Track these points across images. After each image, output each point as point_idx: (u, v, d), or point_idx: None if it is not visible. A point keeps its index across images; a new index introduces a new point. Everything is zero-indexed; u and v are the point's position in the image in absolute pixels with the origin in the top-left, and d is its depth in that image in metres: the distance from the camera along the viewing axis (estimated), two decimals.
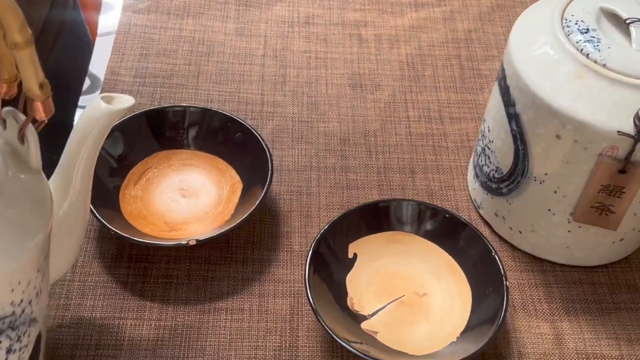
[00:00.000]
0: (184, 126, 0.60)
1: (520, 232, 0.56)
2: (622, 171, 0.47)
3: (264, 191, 0.54)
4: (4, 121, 0.39)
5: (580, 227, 0.52)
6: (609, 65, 0.46)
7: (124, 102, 0.43)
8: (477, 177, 0.58)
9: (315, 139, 0.64)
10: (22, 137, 0.39)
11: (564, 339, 0.52)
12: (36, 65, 0.36)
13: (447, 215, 0.54)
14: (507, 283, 0.50)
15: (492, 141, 0.55)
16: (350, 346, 0.47)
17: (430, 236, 0.54)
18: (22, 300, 0.37)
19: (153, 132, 0.59)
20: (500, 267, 0.51)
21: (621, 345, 0.52)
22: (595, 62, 0.46)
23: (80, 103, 0.77)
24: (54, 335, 0.49)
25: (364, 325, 0.51)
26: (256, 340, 0.51)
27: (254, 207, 0.54)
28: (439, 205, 0.55)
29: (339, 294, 0.52)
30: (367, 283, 0.53)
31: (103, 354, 0.49)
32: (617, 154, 0.46)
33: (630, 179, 0.47)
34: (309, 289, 0.49)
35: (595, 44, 0.47)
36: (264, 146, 0.57)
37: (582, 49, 0.47)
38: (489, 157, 0.56)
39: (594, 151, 0.47)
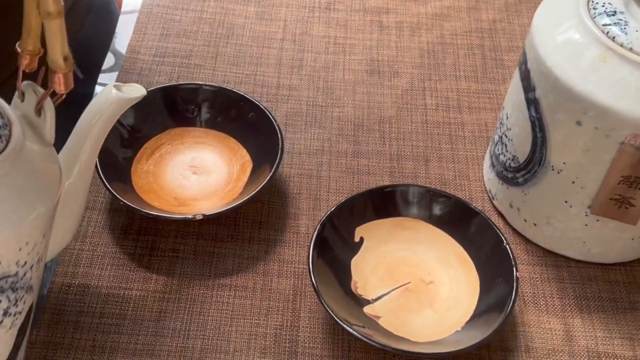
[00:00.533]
0: (198, 104, 0.59)
1: (535, 225, 0.54)
2: None
3: (272, 171, 0.53)
4: (23, 94, 0.40)
5: (598, 220, 0.50)
6: (635, 49, 0.44)
7: (136, 91, 0.45)
8: (493, 166, 0.56)
9: (328, 124, 0.63)
10: (39, 110, 0.39)
11: (575, 336, 0.50)
12: (64, 37, 0.36)
13: (457, 203, 0.52)
14: (518, 274, 0.48)
15: (510, 129, 0.53)
16: (352, 329, 0.45)
17: (440, 223, 0.53)
18: (25, 263, 0.37)
19: (167, 108, 0.59)
20: (511, 257, 0.49)
21: (635, 345, 0.50)
22: (622, 45, 0.45)
23: (101, 80, 0.77)
24: (59, 302, 0.49)
25: (367, 309, 0.49)
26: (257, 318, 0.50)
27: (260, 186, 0.53)
28: (453, 194, 0.54)
29: (343, 277, 0.50)
30: (372, 268, 0.51)
31: (107, 322, 0.48)
32: (639, 143, 0.45)
33: None
34: (312, 269, 0.48)
35: (622, 27, 0.45)
36: (276, 127, 0.56)
37: (608, 32, 0.45)
38: (505, 146, 0.54)
39: (616, 139, 0.45)
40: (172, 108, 0.59)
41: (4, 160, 0.35)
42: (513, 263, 0.49)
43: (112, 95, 0.43)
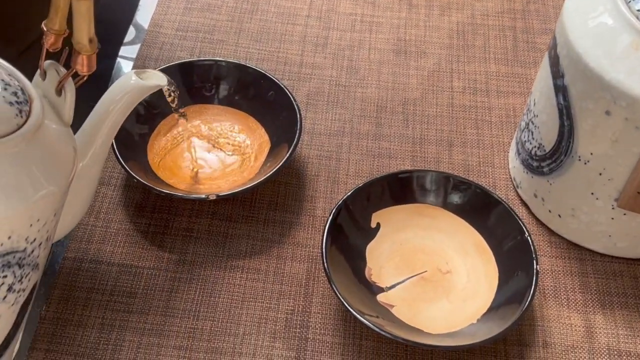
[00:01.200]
0: (216, 81, 0.58)
1: (560, 216, 0.52)
2: None
3: (289, 152, 0.52)
4: (45, 72, 0.40)
5: (625, 214, 0.48)
6: None
7: (157, 79, 0.45)
8: (519, 154, 0.54)
9: (351, 104, 0.61)
10: (60, 90, 0.39)
11: (596, 332, 0.48)
12: (91, 19, 0.37)
13: (478, 191, 0.51)
14: (538, 267, 0.47)
15: (537, 115, 0.51)
16: (363, 317, 0.44)
17: (460, 212, 0.51)
18: (35, 240, 0.37)
19: (186, 85, 0.58)
20: (532, 249, 0.47)
21: None
22: None
23: (122, 53, 0.76)
24: (70, 278, 0.49)
25: (380, 297, 0.48)
26: (269, 302, 0.49)
27: (277, 167, 0.51)
28: (474, 181, 0.52)
29: (358, 263, 0.49)
30: (388, 255, 0.50)
31: (117, 299, 0.48)
32: None
33: None
34: (325, 255, 0.47)
35: None
36: (295, 106, 0.55)
37: None
38: (532, 133, 0.52)
39: None
40: (191, 85, 0.58)
41: (22, 137, 0.35)
42: (534, 255, 0.47)
43: (132, 82, 0.43)
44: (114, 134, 0.44)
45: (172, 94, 0.49)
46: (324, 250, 0.47)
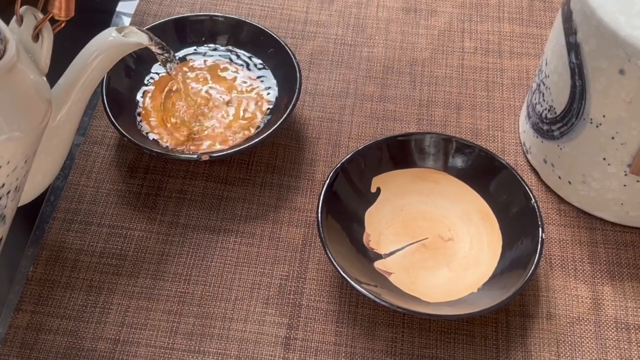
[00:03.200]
0: (213, 37, 0.56)
1: (570, 183, 0.49)
2: None
3: (287, 112, 0.50)
4: (22, 18, 0.38)
5: (638, 181, 0.46)
6: None
7: (137, 38, 0.43)
8: (529, 117, 0.52)
9: (356, 64, 0.59)
10: (36, 35, 0.38)
11: (603, 305, 0.46)
12: None
13: (483, 154, 0.48)
14: (544, 235, 0.45)
15: (548, 76, 0.48)
16: (360, 285, 0.43)
17: (464, 177, 0.49)
18: (3, 185, 0.36)
19: (180, 41, 0.56)
20: (538, 216, 0.45)
21: None
22: None
23: (119, 9, 0.74)
24: (59, 238, 0.48)
25: (378, 264, 0.46)
26: (263, 267, 0.47)
27: (274, 127, 0.49)
28: (479, 144, 0.50)
29: (356, 229, 0.48)
30: (388, 221, 0.48)
31: (106, 262, 0.47)
32: None
33: None
34: (321, 220, 0.45)
35: None
36: (295, 64, 0.53)
37: None
38: (543, 95, 0.49)
39: None
40: (184, 41, 0.56)
41: None
42: (539, 222, 0.45)
43: (111, 39, 0.42)
44: (91, 92, 0.43)
45: (163, 54, 0.47)
46: (319, 215, 0.45)
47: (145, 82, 0.54)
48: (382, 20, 0.62)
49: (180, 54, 0.55)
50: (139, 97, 0.53)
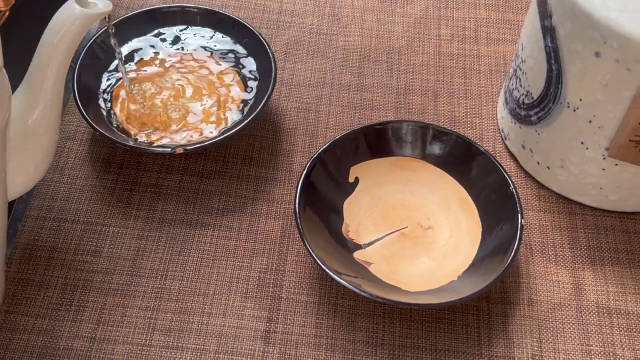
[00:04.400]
0: (187, 29, 0.55)
1: (549, 168, 0.49)
2: None
3: (262, 103, 0.49)
4: None
5: (617, 165, 0.45)
6: None
7: (101, 6, 0.40)
8: (507, 103, 0.51)
9: (332, 54, 0.58)
10: None
11: (585, 290, 0.46)
12: None
13: (460, 141, 0.48)
14: (523, 221, 0.44)
15: (525, 61, 0.48)
16: (340, 277, 0.42)
17: (443, 165, 0.48)
18: None
19: (154, 33, 0.55)
20: (517, 202, 0.45)
21: None
22: None
23: None
24: (33, 237, 0.47)
25: (358, 255, 0.46)
26: (241, 261, 0.47)
27: (250, 119, 0.49)
28: (456, 131, 0.49)
29: (335, 219, 0.47)
30: (367, 210, 0.48)
31: (81, 259, 0.46)
32: None
33: None
34: (299, 213, 0.44)
35: None
36: (270, 55, 0.52)
37: None
38: (520, 80, 0.49)
39: (639, 74, 0.40)
40: (158, 32, 0.55)
41: None
42: (519, 209, 0.45)
43: (76, 12, 0.39)
44: (65, 73, 0.40)
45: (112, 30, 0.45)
46: (297, 207, 0.45)
47: (114, 71, 0.53)
48: (358, 9, 0.61)
49: (153, 43, 0.54)
50: (108, 88, 0.52)
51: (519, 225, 0.44)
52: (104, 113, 0.51)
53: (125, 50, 0.54)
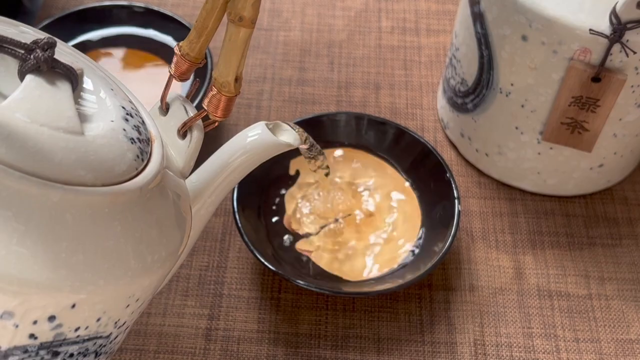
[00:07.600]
0: (124, 25, 0.54)
1: (487, 155, 0.49)
2: (596, 79, 0.40)
3: (198, 98, 0.49)
4: (168, 106, 0.32)
5: (551, 148, 0.46)
6: None
7: (291, 140, 0.36)
8: (445, 93, 0.52)
9: (273, 49, 0.58)
10: (184, 133, 0.32)
11: (525, 273, 0.46)
12: (245, 52, 0.29)
13: (398, 131, 0.48)
14: (460, 207, 0.44)
15: (458, 48, 0.48)
16: (279, 269, 0.42)
17: (382, 154, 0.48)
18: (124, 323, 0.29)
19: (86, 31, 0.54)
20: (454, 188, 0.45)
21: (590, 283, 0.46)
22: None
23: None
24: None
25: (299, 245, 0.46)
26: None
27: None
28: (393, 120, 0.49)
29: (275, 212, 0.47)
30: (307, 201, 0.47)
31: None
32: (589, 59, 0.40)
33: (605, 89, 0.40)
34: (237, 207, 0.44)
35: None
36: (207, 50, 0.51)
37: None
38: (455, 68, 0.49)
39: (564, 55, 0.40)
40: (88, 31, 0.54)
41: (139, 188, 0.26)
42: (455, 194, 0.45)
43: (261, 136, 0.35)
44: (225, 195, 0.36)
45: (311, 154, 0.41)
46: (234, 203, 0.44)
47: None
48: (299, 3, 0.61)
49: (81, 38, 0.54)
50: None
51: (456, 211, 0.44)
52: None
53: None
